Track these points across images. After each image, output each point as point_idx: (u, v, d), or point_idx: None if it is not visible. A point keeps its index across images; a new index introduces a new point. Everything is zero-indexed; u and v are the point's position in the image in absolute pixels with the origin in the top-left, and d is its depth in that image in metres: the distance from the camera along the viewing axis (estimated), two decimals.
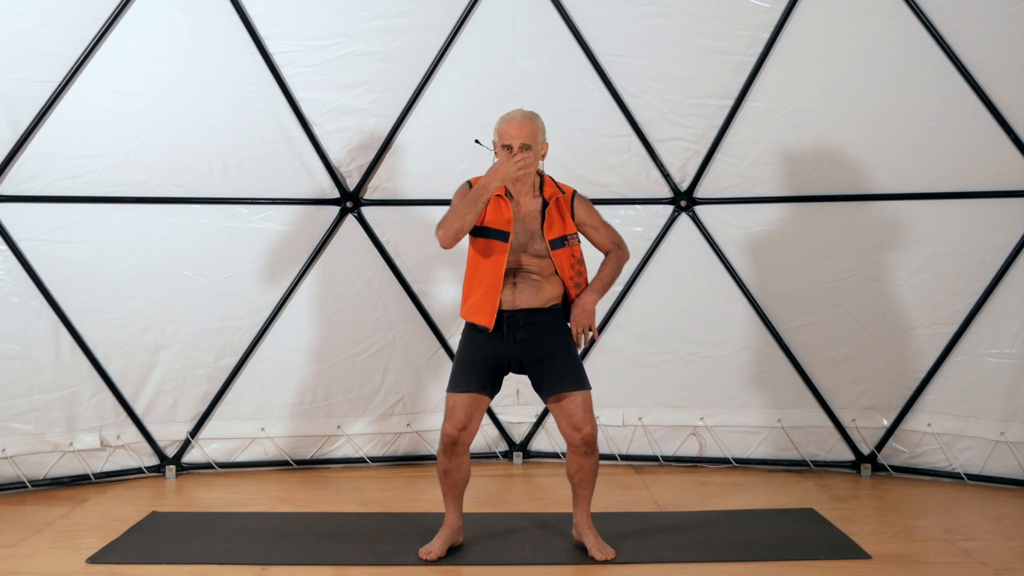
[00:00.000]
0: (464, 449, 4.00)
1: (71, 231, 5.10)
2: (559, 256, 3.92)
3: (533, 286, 3.94)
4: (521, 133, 3.85)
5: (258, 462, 5.47)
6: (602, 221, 4.09)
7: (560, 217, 3.95)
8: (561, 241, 3.93)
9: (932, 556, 4.07)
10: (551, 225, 3.92)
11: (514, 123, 3.88)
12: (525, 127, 3.86)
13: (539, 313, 3.95)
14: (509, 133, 3.86)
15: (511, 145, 3.85)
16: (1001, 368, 5.08)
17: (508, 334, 3.94)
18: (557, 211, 3.95)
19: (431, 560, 4.01)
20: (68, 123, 5.01)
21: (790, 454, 5.43)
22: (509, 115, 3.93)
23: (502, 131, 3.90)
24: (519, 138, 3.84)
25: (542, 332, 3.96)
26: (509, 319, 3.93)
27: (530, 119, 3.90)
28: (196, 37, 5.12)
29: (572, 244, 3.96)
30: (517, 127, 3.86)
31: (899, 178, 5.15)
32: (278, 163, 5.28)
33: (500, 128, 3.92)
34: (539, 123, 3.92)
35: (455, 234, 3.85)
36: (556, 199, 3.96)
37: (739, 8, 5.17)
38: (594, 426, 3.96)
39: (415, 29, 5.26)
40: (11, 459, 5.02)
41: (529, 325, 3.94)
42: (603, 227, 4.08)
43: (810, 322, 5.33)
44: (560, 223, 3.94)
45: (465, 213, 3.82)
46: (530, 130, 3.86)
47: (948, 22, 4.96)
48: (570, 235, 3.96)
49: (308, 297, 5.41)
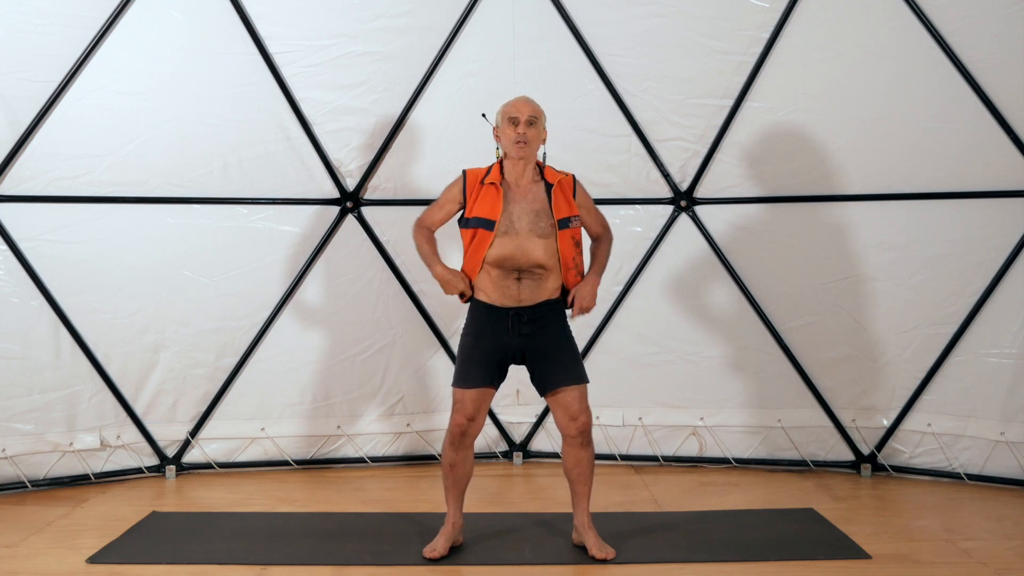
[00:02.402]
0: (471, 441, 4.05)
1: (71, 231, 5.10)
2: (564, 236, 3.99)
3: (536, 281, 3.98)
4: (528, 108, 3.98)
5: (258, 462, 5.47)
6: (594, 206, 4.21)
7: (564, 199, 4.03)
8: (566, 222, 4.00)
9: (932, 556, 4.07)
10: (558, 206, 4.00)
11: (520, 100, 4.02)
12: (531, 104, 4.01)
13: (541, 307, 4.00)
14: (516, 107, 3.98)
15: (517, 118, 3.96)
16: (1001, 368, 5.08)
17: (513, 329, 3.97)
18: (561, 192, 4.03)
19: (434, 558, 4.01)
20: (68, 123, 5.01)
21: (790, 454, 5.43)
22: (514, 97, 4.07)
23: (508, 107, 4.01)
24: (526, 112, 3.96)
25: (544, 326, 4.00)
26: (514, 316, 3.97)
27: (535, 101, 4.05)
28: (196, 37, 5.12)
29: (575, 226, 4.05)
30: (524, 103, 4.00)
31: (899, 178, 5.15)
32: (278, 163, 5.28)
33: (506, 106, 4.04)
34: (542, 109, 4.05)
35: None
36: (560, 181, 4.04)
37: (739, 8, 5.17)
38: (589, 416, 4.01)
39: (415, 29, 5.26)
40: (11, 459, 5.02)
41: (532, 321, 3.98)
42: (595, 210, 4.21)
43: (810, 322, 5.33)
44: (565, 205, 4.02)
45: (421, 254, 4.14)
46: (535, 107, 4.01)
47: (948, 22, 4.96)
48: (573, 217, 4.04)
49: (308, 297, 5.40)
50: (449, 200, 4.08)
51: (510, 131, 3.96)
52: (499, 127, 4.03)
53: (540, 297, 3.98)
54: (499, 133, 4.03)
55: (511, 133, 3.96)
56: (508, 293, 3.97)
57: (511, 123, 3.97)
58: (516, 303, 3.97)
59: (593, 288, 4.06)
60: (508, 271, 3.95)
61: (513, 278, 3.96)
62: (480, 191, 3.99)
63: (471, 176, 4.05)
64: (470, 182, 4.03)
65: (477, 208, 3.98)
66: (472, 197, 4.01)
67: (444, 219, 4.12)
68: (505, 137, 3.99)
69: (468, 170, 4.08)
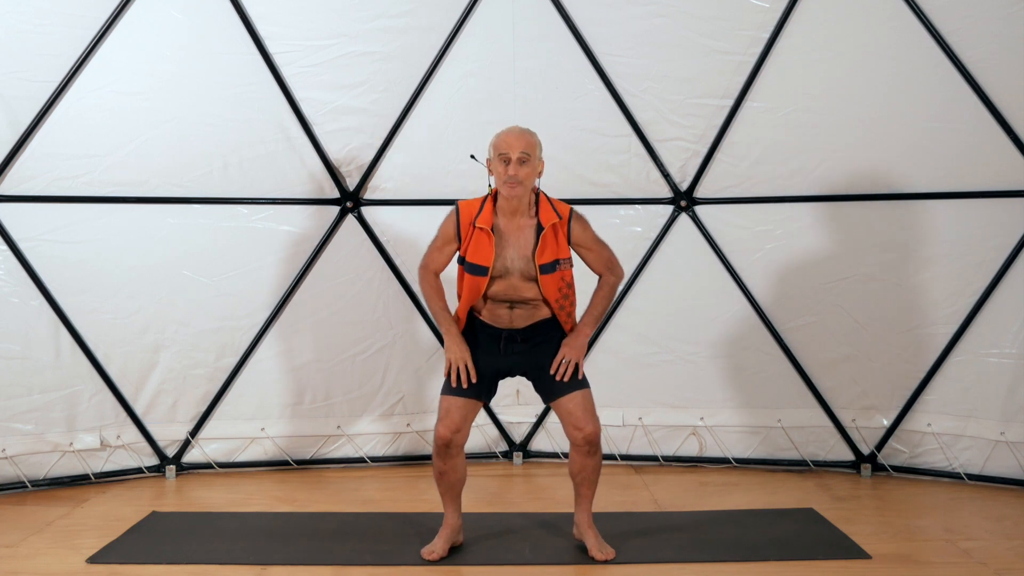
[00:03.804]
0: (458, 451, 3.98)
1: (71, 231, 5.10)
2: (546, 281, 3.88)
3: (530, 310, 3.94)
4: (519, 144, 3.80)
5: (258, 462, 5.47)
6: (597, 240, 4.02)
7: (555, 241, 3.89)
8: (552, 266, 3.88)
9: (932, 556, 4.07)
10: (543, 250, 3.87)
11: (512, 134, 3.84)
12: (523, 138, 3.82)
13: (535, 327, 3.97)
14: (507, 142, 3.81)
15: (509, 155, 3.79)
16: (1001, 368, 5.08)
17: (506, 350, 3.97)
18: (552, 236, 3.89)
19: (433, 560, 4.01)
20: (68, 123, 5.01)
21: (790, 454, 5.43)
22: (505, 129, 3.90)
23: (499, 143, 3.84)
24: (518, 148, 3.79)
25: (538, 344, 3.98)
26: (507, 337, 3.96)
27: (528, 133, 3.87)
28: (196, 37, 5.12)
29: (563, 268, 3.91)
30: (516, 137, 3.82)
31: (899, 178, 5.15)
32: (278, 163, 5.28)
33: (497, 140, 3.86)
34: (537, 139, 3.88)
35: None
36: (552, 224, 3.89)
37: (739, 8, 5.17)
38: (597, 425, 3.96)
39: (415, 29, 5.25)
40: (11, 459, 5.02)
41: (527, 340, 3.97)
42: (597, 247, 4.02)
43: (810, 322, 5.33)
44: (553, 248, 3.89)
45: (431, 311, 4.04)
46: (528, 142, 3.82)
47: (948, 22, 4.96)
48: (562, 259, 3.91)
49: (308, 297, 5.40)
50: (447, 242, 3.97)
51: (501, 169, 3.79)
52: (491, 160, 3.88)
53: (534, 319, 3.96)
54: (491, 167, 3.88)
55: (502, 171, 3.79)
56: (501, 320, 3.96)
57: (502, 160, 3.80)
58: (508, 327, 3.96)
59: (580, 343, 3.96)
60: (501, 301, 3.93)
61: (506, 307, 3.94)
62: (473, 234, 3.88)
63: (464, 215, 3.91)
64: (464, 222, 3.91)
65: (471, 253, 3.89)
66: (466, 238, 3.90)
67: (447, 261, 4.03)
68: (496, 174, 3.82)
69: (461, 205, 3.94)
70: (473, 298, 3.94)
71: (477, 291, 3.92)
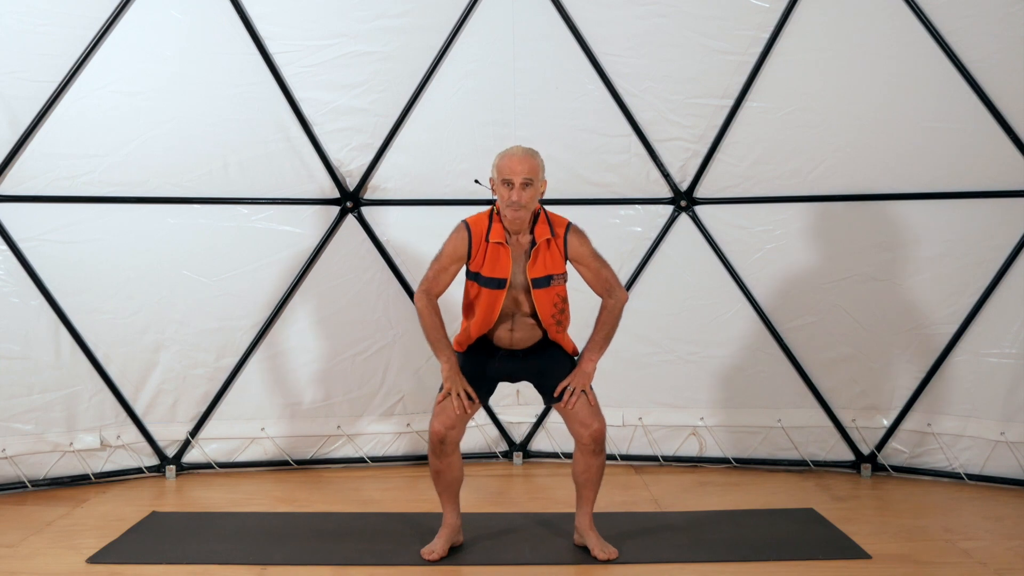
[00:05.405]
0: (453, 448, 3.98)
1: (71, 231, 5.09)
2: (540, 296, 3.87)
3: (529, 330, 3.95)
4: (523, 168, 3.77)
5: (258, 462, 5.47)
6: (595, 258, 3.96)
7: (549, 256, 3.87)
8: (545, 281, 3.87)
9: (932, 556, 4.07)
10: (533, 265, 3.85)
11: (515, 158, 3.80)
12: (526, 162, 3.79)
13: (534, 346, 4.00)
14: (511, 168, 3.78)
15: (512, 180, 3.77)
16: (1001, 368, 5.08)
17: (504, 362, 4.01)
18: (546, 251, 3.87)
19: (433, 560, 4.01)
20: (68, 123, 5.01)
21: (790, 454, 5.43)
22: (509, 151, 3.86)
23: (502, 166, 3.81)
24: (521, 173, 3.76)
25: (538, 353, 4.01)
26: (509, 353, 3.99)
27: (531, 155, 3.83)
28: (196, 37, 5.12)
29: (557, 284, 3.89)
30: (519, 162, 3.78)
31: (899, 178, 5.15)
32: (278, 163, 5.27)
33: (500, 164, 3.83)
34: (539, 160, 3.86)
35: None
36: (546, 240, 3.87)
37: (739, 8, 5.16)
38: (602, 422, 3.97)
39: (415, 29, 5.25)
40: (11, 459, 5.02)
41: (526, 357, 4.00)
42: (595, 265, 3.96)
43: (810, 322, 5.33)
44: (545, 263, 3.87)
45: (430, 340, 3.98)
46: (531, 166, 3.79)
47: (948, 22, 4.96)
48: (556, 275, 3.88)
49: (308, 297, 5.40)
50: (454, 260, 3.92)
51: (504, 192, 3.78)
52: (494, 180, 3.87)
53: (534, 340, 3.98)
54: (494, 186, 3.86)
55: (505, 195, 3.78)
56: (502, 342, 3.98)
57: (505, 185, 3.78)
58: (509, 347, 3.99)
59: (587, 371, 3.97)
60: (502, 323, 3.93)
61: (506, 328, 3.95)
62: (487, 249, 3.85)
63: (476, 231, 3.88)
64: (476, 239, 3.87)
65: (487, 267, 3.85)
66: (479, 254, 3.87)
67: (449, 282, 3.99)
68: (499, 196, 3.81)
69: (471, 222, 3.91)
70: (487, 312, 3.89)
71: (493, 305, 3.88)
